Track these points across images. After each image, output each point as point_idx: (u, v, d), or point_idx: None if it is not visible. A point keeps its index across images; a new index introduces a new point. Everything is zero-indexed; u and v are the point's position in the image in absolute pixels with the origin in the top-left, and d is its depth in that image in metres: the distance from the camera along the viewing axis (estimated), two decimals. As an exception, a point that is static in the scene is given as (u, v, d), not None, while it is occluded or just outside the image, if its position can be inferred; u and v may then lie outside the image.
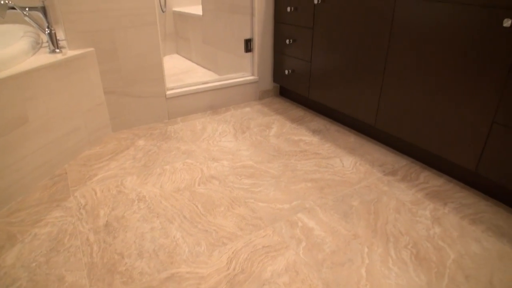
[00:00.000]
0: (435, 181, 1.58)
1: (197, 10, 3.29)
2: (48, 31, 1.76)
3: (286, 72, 2.30)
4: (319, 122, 2.15)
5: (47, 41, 1.77)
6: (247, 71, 2.48)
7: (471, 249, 1.20)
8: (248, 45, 2.38)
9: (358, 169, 1.66)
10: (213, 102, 2.33)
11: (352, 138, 1.95)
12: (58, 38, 1.82)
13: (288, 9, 2.14)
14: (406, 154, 1.79)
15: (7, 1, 1.66)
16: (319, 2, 1.92)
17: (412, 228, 1.29)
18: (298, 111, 2.31)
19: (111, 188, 1.54)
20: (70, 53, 1.76)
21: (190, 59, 3.49)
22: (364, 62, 1.76)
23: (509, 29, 1.21)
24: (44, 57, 1.66)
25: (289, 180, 1.58)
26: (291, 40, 2.21)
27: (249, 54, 2.42)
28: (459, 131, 1.44)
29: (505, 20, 1.20)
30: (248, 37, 2.38)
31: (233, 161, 1.73)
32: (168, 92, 2.14)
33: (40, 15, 1.75)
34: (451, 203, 1.43)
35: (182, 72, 3.08)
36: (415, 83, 1.56)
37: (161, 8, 3.54)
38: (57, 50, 1.78)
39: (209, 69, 3.10)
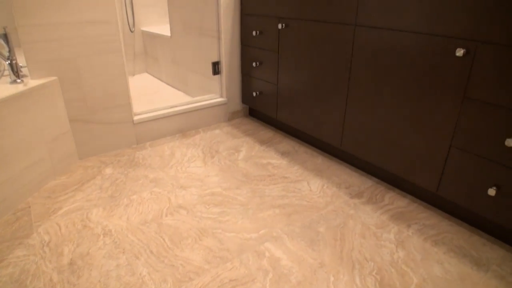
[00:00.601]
0: (400, 202, 1.62)
1: (166, 30, 3.29)
2: (9, 62, 1.72)
3: (254, 94, 2.33)
4: (288, 144, 2.17)
5: (8, 71, 1.73)
6: (216, 92, 2.49)
7: (434, 272, 1.23)
8: (215, 68, 2.39)
9: (325, 192, 1.69)
10: (183, 125, 2.32)
11: (320, 160, 1.98)
12: (20, 65, 1.78)
13: (254, 33, 2.16)
14: (372, 175, 1.83)
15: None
16: (283, 27, 1.96)
17: (377, 253, 1.32)
18: (267, 132, 2.33)
19: (76, 222, 1.51)
20: (32, 82, 1.72)
21: (160, 78, 3.47)
22: (328, 85, 1.80)
23: (462, 59, 1.27)
24: (4, 88, 1.62)
25: (257, 207, 1.58)
26: (257, 63, 2.23)
27: (217, 76, 2.43)
28: (419, 154, 1.49)
29: (458, 49, 1.25)
30: (215, 60, 2.39)
31: (202, 188, 1.73)
32: (136, 118, 2.12)
33: (1, 42, 1.71)
34: (414, 225, 1.47)
35: (152, 93, 3.06)
36: (377, 106, 1.60)
37: (130, 28, 3.51)
38: (18, 80, 1.74)
39: (179, 89, 3.10)
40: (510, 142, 1.18)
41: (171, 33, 2.99)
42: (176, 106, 2.28)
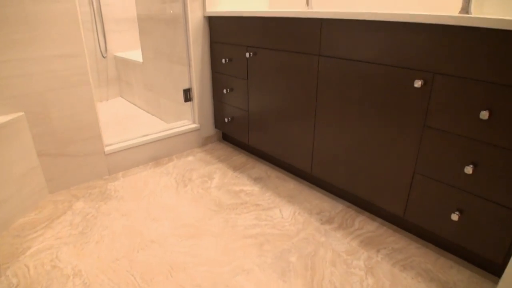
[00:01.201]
0: (369, 226, 1.65)
1: (138, 55, 3.29)
2: (-28, 100, 1.69)
3: (226, 120, 2.35)
4: (261, 169, 2.19)
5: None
6: (189, 118, 2.50)
7: (401, 299, 1.26)
8: (187, 95, 2.41)
9: (296, 219, 1.71)
10: (156, 153, 2.32)
11: (292, 185, 2.00)
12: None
13: (223, 60, 2.19)
14: (343, 198, 1.86)
15: None
16: (251, 55, 1.99)
17: (347, 281, 1.34)
18: (241, 157, 2.35)
19: (45, 262, 1.48)
20: (-3, 120, 1.70)
21: (134, 103, 3.46)
22: (296, 111, 1.84)
23: (420, 90, 1.32)
24: (-33, 129, 1.59)
25: (229, 238, 1.59)
26: (228, 90, 2.26)
27: (189, 103, 2.44)
28: (385, 179, 1.53)
29: (416, 81, 1.30)
30: (186, 87, 2.41)
31: (174, 220, 1.73)
32: (107, 148, 2.11)
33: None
34: (383, 249, 1.50)
35: (125, 119, 3.05)
36: (344, 132, 1.64)
37: (102, 54, 3.50)
38: (-17, 118, 1.72)
39: (153, 114, 3.09)
40: (469, 170, 1.23)
41: (143, 59, 3.00)
42: (148, 135, 2.28)
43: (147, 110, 3.19)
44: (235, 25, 2.06)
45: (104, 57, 3.53)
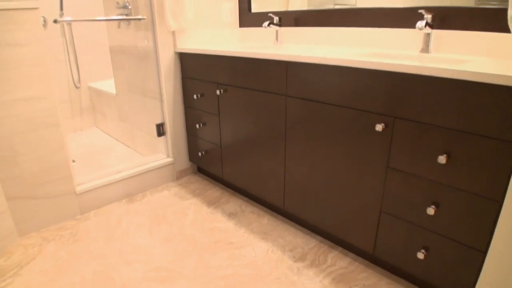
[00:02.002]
0: (342, 262, 1.67)
1: (112, 85, 3.28)
2: None
3: (200, 154, 2.35)
4: (235, 203, 2.19)
5: None
6: (163, 152, 2.50)
7: None
8: (160, 130, 2.41)
9: (270, 257, 1.71)
10: (129, 189, 2.30)
11: (266, 220, 2.01)
12: None
13: (195, 96, 2.21)
14: (316, 233, 1.88)
15: None
16: (221, 92, 2.02)
17: (318, 324, 1.35)
18: (215, 191, 2.35)
19: (12, 316, 1.44)
20: (-38, 167, 1.66)
21: (109, 134, 3.43)
22: (267, 148, 1.86)
23: (382, 133, 1.36)
24: None
25: (202, 281, 1.58)
26: (201, 124, 2.27)
27: (162, 137, 2.44)
28: (355, 217, 1.56)
29: (377, 125, 1.34)
30: (159, 121, 2.41)
31: (147, 263, 1.70)
32: (79, 188, 2.08)
33: None
34: (355, 287, 1.52)
35: (100, 150, 3.01)
36: (314, 169, 1.67)
37: (75, 84, 3.48)
38: None
39: (128, 146, 3.07)
40: (431, 211, 1.27)
41: (116, 91, 2.99)
42: (121, 171, 2.26)
43: (122, 141, 3.17)
44: (205, 62, 2.08)
45: (77, 88, 3.50)
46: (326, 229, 1.70)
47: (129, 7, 2.43)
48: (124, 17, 2.46)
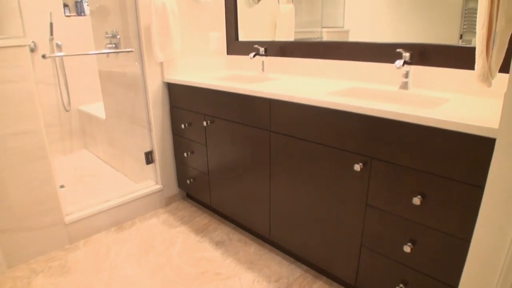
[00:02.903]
0: (326, 292, 1.71)
1: (102, 109, 3.30)
2: None
3: (188, 181, 2.39)
4: (223, 231, 2.23)
5: None
6: (152, 178, 2.53)
7: None
8: (149, 158, 2.44)
9: (256, 289, 1.75)
10: (118, 217, 2.32)
11: (252, 249, 2.05)
12: None
13: (183, 126, 2.25)
14: (301, 262, 1.92)
15: None
16: (208, 124, 2.06)
17: None
18: (203, 218, 2.38)
19: None
20: (-50, 203, 1.68)
21: (98, 156, 3.46)
22: (253, 178, 1.90)
23: (360, 172, 1.41)
24: None
25: (188, 315, 1.61)
26: (189, 153, 2.31)
27: (151, 165, 2.48)
28: (337, 249, 1.60)
29: (355, 165, 1.39)
30: (148, 149, 2.44)
31: (134, 296, 1.73)
32: (67, 218, 2.10)
33: None
34: (338, 319, 1.56)
35: (89, 175, 3.03)
36: (297, 201, 1.71)
37: (65, 108, 3.50)
38: None
39: (117, 170, 3.10)
40: (407, 248, 1.32)
41: (106, 116, 3.02)
42: (110, 200, 2.28)
43: (112, 165, 3.19)
44: (192, 93, 2.13)
45: (67, 111, 3.53)
46: (310, 259, 1.74)
47: (118, 36, 2.48)
48: (113, 47, 2.51)
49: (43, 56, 1.99)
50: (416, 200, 1.24)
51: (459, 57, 1.53)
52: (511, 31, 0.92)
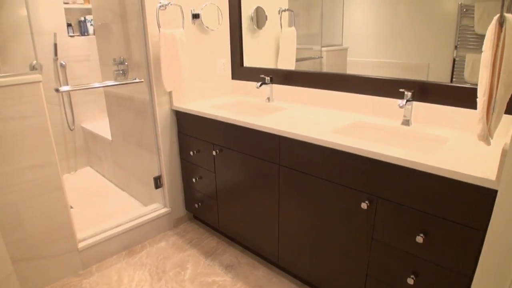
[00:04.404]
0: (334, 317, 1.79)
1: (107, 128, 3.35)
2: None
3: (196, 205, 2.46)
4: (231, 254, 2.30)
5: None
6: (160, 201, 2.59)
7: None
8: (157, 182, 2.51)
9: (267, 315, 1.82)
10: (129, 241, 2.39)
11: (261, 272, 2.12)
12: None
13: (191, 153, 2.32)
14: (308, 286, 2.00)
15: None
16: (217, 153, 2.13)
17: None
18: (211, 241, 2.45)
19: None
20: (-29, 238, 1.73)
21: (103, 175, 3.51)
22: (263, 206, 1.98)
23: (366, 211, 1.49)
24: None
25: None
26: (197, 178, 2.38)
27: (159, 189, 2.54)
28: (344, 277, 1.69)
29: (362, 203, 1.48)
30: (156, 174, 2.51)
31: (150, 324, 1.80)
32: (81, 245, 2.17)
33: None
34: None
35: (95, 195, 3.09)
36: (306, 231, 1.79)
37: (69, 127, 3.55)
38: (-44, 237, 1.75)
39: (123, 189, 3.16)
40: (410, 281, 1.40)
41: (112, 137, 3.08)
42: (121, 225, 2.35)
43: (117, 184, 3.25)
44: (200, 122, 2.20)
45: (71, 130, 3.58)
46: (317, 284, 1.82)
47: (126, 63, 2.54)
48: (121, 73, 2.57)
49: (56, 90, 2.05)
50: (419, 239, 1.33)
51: (457, 96, 1.62)
52: (508, 98, 1.00)
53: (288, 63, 2.40)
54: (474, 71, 1.62)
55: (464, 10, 1.60)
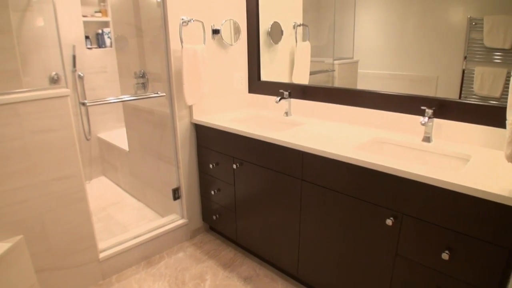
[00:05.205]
0: (354, 331, 1.80)
1: (122, 137, 3.40)
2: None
3: (214, 217, 2.49)
4: (249, 266, 2.32)
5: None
6: (177, 212, 2.63)
7: None
8: (176, 194, 2.55)
9: (287, 328, 1.84)
10: (147, 252, 2.42)
11: (279, 285, 2.14)
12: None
13: (211, 165, 2.36)
14: (327, 299, 2.02)
15: None
16: (238, 166, 2.17)
17: None
18: (229, 252, 2.48)
19: None
20: (-1, 247, 1.77)
21: (118, 184, 3.55)
22: (282, 220, 2.01)
23: (391, 227, 1.52)
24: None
25: None
26: (215, 191, 2.42)
27: (177, 200, 2.58)
28: (365, 295, 1.71)
29: (387, 220, 1.50)
30: (175, 186, 2.55)
31: (172, 336, 1.82)
32: (102, 255, 2.20)
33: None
34: None
35: (110, 204, 3.13)
36: (328, 245, 1.82)
37: (86, 136, 3.61)
38: (-16, 247, 1.79)
39: (138, 199, 3.20)
40: (436, 296, 1.43)
41: (129, 148, 3.13)
42: (140, 235, 2.38)
43: (133, 194, 3.29)
44: (220, 136, 2.24)
45: (87, 140, 3.63)
46: (339, 300, 1.84)
47: (146, 76, 2.60)
48: (141, 86, 2.63)
49: (83, 104, 2.10)
50: (445, 255, 1.35)
51: (477, 113, 1.66)
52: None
53: (302, 77, 2.45)
54: (483, 84, 1.66)
55: (473, 23, 1.64)
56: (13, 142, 1.79)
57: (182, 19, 2.23)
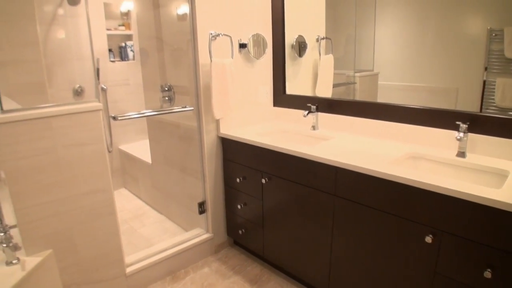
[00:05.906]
0: None
1: (145, 149, 3.41)
2: (5, 245, 1.76)
3: (240, 232, 2.47)
4: (276, 282, 2.28)
5: (2, 248, 1.76)
6: (201, 226, 2.61)
7: None
8: (201, 208, 2.53)
9: None
10: (172, 267, 2.40)
11: (309, 303, 2.10)
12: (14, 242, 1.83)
13: (238, 180, 2.35)
14: (359, 318, 1.97)
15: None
16: (266, 181, 2.15)
17: None
18: (254, 268, 2.44)
19: None
20: (29, 262, 1.76)
21: (139, 197, 3.56)
22: (313, 237, 1.97)
23: (430, 244, 1.48)
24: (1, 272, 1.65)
25: None
26: (242, 205, 2.40)
27: (203, 214, 2.56)
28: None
29: (426, 237, 1.47)
30: (201, 199, 2.54)
31: None
32: (128, 270, 2.18)
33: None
34: None
35: (132, 217, 3.13)
36: (362, 263, 1.78)
37: (108, 149, 3.62)
38: (15, 261, 1.78)
39: (160, 212, 3.19)
40: (479, 319, 1.38)
41: (152, 161, 3.13)
42: (166, 250, 2.36)
43: (154, 207, 3.29)
44: (248, 150, 2.23)
45: (109, 152, 3.65)
46: (373, 320, 1.79)
47: (173, 90, 2.61)
48: (167, 99, 2.64)
49: (114, 118, 2.11)
50: (487, 274, 1.31)
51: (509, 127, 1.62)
52: None
53: (326, 90, 2.45)
54: (504, 95, 1.63)
55: (493, 35, 1.62)
56: (46, 156, 1.80)
57: (211, 33, 2.24)
